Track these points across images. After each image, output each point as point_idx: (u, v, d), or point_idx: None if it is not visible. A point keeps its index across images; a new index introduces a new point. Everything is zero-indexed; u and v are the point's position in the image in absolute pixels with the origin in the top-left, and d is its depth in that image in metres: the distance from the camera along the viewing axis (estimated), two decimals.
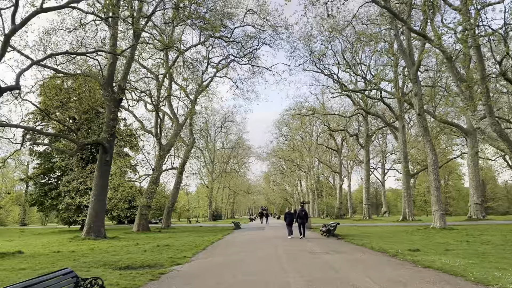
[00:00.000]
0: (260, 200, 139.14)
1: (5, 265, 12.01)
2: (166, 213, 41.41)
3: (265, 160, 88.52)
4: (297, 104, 62.71)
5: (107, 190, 27.31)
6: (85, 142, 25.18)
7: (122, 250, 17.12)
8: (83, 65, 27.62)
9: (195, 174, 67.72)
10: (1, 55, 14.97)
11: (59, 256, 14.84)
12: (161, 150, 35.26)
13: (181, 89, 38.57)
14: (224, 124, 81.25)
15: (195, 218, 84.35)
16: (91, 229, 24.99)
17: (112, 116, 26.12)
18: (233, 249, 16.73)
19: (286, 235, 23.25)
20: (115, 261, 13.04)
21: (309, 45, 43.39)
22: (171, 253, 15.40)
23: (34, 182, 48.85)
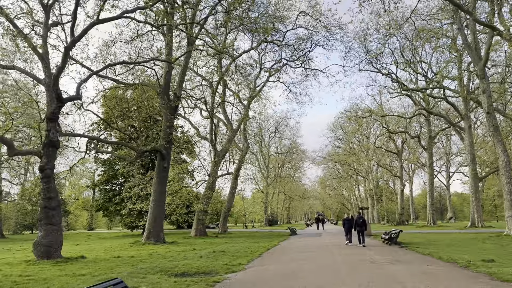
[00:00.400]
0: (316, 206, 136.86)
1: (67, 270, 12.45)
2: (223, 218, 41.76)
3: (320, 165, 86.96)
4: (353, 106, 60.82)
5: (165, 195, 27.98)
6: (143, 150, 26.00)
7: (179, 255, 17.26)
8: (141, 75, 28.67)
9: (250, 179, 67.94)
10: (62, 66, 15.80)
11: (118, 261, 15.21)
12: (216, 156, 35.66)
13: (234, 95, 38.86)
14: (278, 129, 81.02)
15: (251, 223, 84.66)
16: (150, 234, 25.65)
17: (168, 123, 26.76)
18: (289, 257, 16.25)
19: (343, 242, 22.40)
20: (171, 268, 13.07)
21: (364, 44, 41.97)
22: (226, 259, 15.25)
23: (99, 189, 51.61)
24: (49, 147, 15.85)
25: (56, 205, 15.85)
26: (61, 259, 15.10)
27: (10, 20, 15.75)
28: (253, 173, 76.67)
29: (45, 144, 15.81)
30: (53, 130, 15.99)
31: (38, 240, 15.35)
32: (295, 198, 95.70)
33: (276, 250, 19.72)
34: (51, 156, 15.90)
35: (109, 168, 49.49)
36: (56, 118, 16.18)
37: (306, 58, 37.72)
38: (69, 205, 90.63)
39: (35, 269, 12.82)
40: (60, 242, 15.85)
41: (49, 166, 15.74)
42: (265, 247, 20.97)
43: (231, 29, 33.78)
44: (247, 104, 38.51)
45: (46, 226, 15.45)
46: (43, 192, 15.65)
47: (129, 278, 10.62)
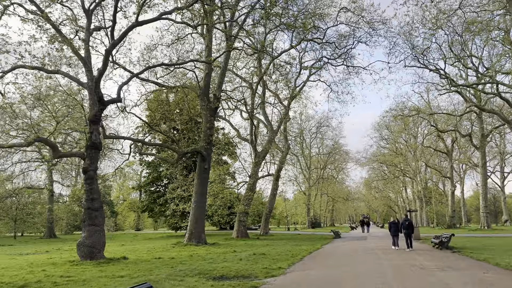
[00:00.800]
0: (361, 208, 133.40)
1: (108, 271, 12.51)
2: (264, 219, 41.41)
3: (364, 166, 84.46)
4: (398, 104, 58.38)
5: (207, 197, 27.99)
6: (184, 151, 26.16)
7: (219, 257, 17.03)
8: (182, 78, 28.97)
9: (292, 181, 67.18)
10: (103, 69, 16.08)
11: (159, 262, 15.19)
12: (257, 157, 35.37)
13: (274, 96, 38.44)
14: (319, 129, 79.63)
15: (293, 225, 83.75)
16: (192, 235, 25.72)
17: (208, 125, 26.78)
18: (332, 261, 15.56)
19: (390, 246, 21.36)
20: (210, 270, 12.82)
21: (410, 40, 40.11)
22: (266, 262, 14.81)
23: (144, 190, 52.94)
24: (92, 149, 16.17)
25: (99, 206, 16.12)
26: (104, 260, 15.31)
27: (55, 27, 16.23)
28: (295, 174, 75.80)
29: (88, 146, 16.15)
30: (96, 132, 16.31)
31: (81, 241, 15.66)
32: (339, 200, 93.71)
33: (319, 254, 19.04)
34: (94, 158, 16.22)
35: (153, 170, 50.63)
36: (98, 121, 16.50)
37: (348, 56, 36.59)
38: (117, 206, 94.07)
39: (77, 269, 13.01)
40: (103, 242, 16.09)
41: (92, 167, 16.05)
42: (307, 251, 20.32)
43: (270, 29, 33.43)
44: (287, 104, 37.95)
45: (89, 227, 15.73)
46: (87, 193, 15.96)
47: (167, 281, 10.45)
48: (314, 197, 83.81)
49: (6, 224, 60.92)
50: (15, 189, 50.68)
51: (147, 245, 28.39)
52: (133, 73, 19.03)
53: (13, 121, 16.62)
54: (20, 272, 12.35)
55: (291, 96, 37.62)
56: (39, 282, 10.18)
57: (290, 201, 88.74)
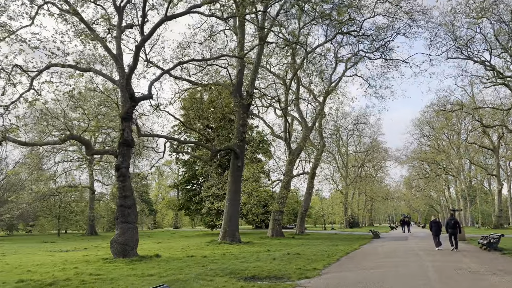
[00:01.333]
0: (401, 208, 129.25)
1: (138, 270, 12.34)
2: (300, 218, 40.64)
3: (404, 164, 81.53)
4: (440, 99, 55.56)
5: (240, 195, 27.65)
6: (217, 149, 25.95)
7: (252, 256, 16.58)
8: (215, 76, 28.81)
9: (328, 179, 65.84)
10: (133, 66, 16.03)
11: (190, 261, 14.92)
12: (291, 155, 34.67)
13: (308, 92, 37.59)
14: (357, 126, 77.74)
15: (330, 225, 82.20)
16: (226, 234, 25.47)
17: (241, 122, 26.41)
18: (370, 263, 14.71)
19: (433, 247, 20.20)
20: (242, 270, 12.37)
21: (452, 30, 38.11)
22: (300, 263, 14.20)
23: (180, 188, 53.51)
24: (124, 146, 16.14)
25: (131, 203, 16.07)
26: (136, 257, 15.22)
27: (87, 24, 16.34)
28: (331, 172, 74.34)
29: (120, 143, 16.15)
30: (127, 129, 16.28)
31: (114, 238, 15.66)
32: (378, 200, 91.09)
33: (357, 255, 18.18)
34: (126, 155, 16.19)
35: (189, 169, 51.05)
36: (130, 118, 16.47)
37: (386, 48, 35.14)
38: (156, 204, 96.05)
39: (108, 267, 12.94)
40: (136, 240, 16.03)
41: (124, 165, 16.02)
42: (344, 251, 19.49)
43: (304, 22, 32.64)
44: (322, 100, 36.96)
45: (122, 224, 15.71)
46: (119, 190, 15.97)
47: (195, 281, 10.09)
48: (352, 196, 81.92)
49: (51, 222, 63.54)
50: (57, 187, 52.52)
51: (182, 243, 28.46)
52: (163, 69, 18.92)
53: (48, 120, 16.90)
54: (52, 269, 12.42)
55: (326, 91, 36.62)
56: (68, 280, 10.09)
57: (326, 200, 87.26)
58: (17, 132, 15.40)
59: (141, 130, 23.56)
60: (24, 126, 16.07)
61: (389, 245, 24.40)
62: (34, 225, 68.35)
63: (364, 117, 75.51)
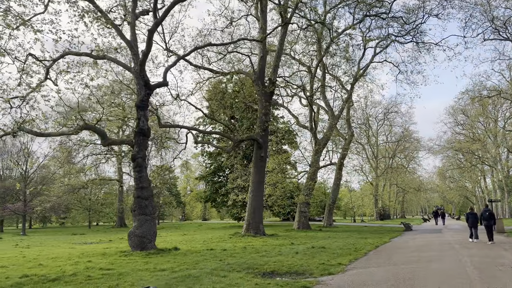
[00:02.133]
0: (434, 199, 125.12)
1: (152, 263, 11.77)
2: (327, 211, 39.49)
3: (438, 154, 78.39)
4: (476, 84, 52.63)
5: (264, 186, 26.82)
6: (239, 139, 25.17)
7: (274, 250, 15.78)
8: (237, 65, 28.01)
9: (357, 171, 64.06)
10: (147, 51, 15.40)
11: (209, 255, 14.26)
12: (317, 145, 33.49)
13: (335, 80, 36.18)
14: (387, 116, 75.29)
15: (360, 217, 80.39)
16: (250, 226, 24.80)
17: (264, 110, 25.49)
18: (401, 257, 13.59)
19: (469, 240, 19.00)
20: (261, 265, 11.58)
21: (489, 11, 35.64)
22: (324, 257, 13.27)
23: (206, 180, 53.21)
24: (140, 135, 15.60)
25: (148, 195, 15.54)
26: (154, 251, 14.70)
27: (102, 12, 15.83)
28: (360, 163, 72.40)
29: (136, 133, 15.61)
30: (143, 118, 15.71)
31: (132, 231, 15.20)
32: (410, 191, 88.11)
33: (386, 249, 17.03)
34: (142, 145, 15.64)
35: (214, 161, 50.67)
36: (145, 106, 15.89)
37: (418, 31, 33.25)
38: (185, 197, 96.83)
39: (123, 261, 12.43)
40: (154, 233, 15.51)
41: (140, 155, 15.48)
42: (373, 244, 18.37)
43: (331, 6, 31.29)
44: (350, 87, 35.46)
45: (139, 216, 15.22)
46: (136, 181, 15.47)
47: (208, 276, 9.36)
48: (383, 187, 79.65)
49: (82, 214, 65.05)
50: (87, 180, 53.36)
51: (206, 235, 28.00)
52: (178, 55, 18.24)
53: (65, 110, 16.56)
54: (64, 263, 12.02)
55: (354, 78, 35.11)
56: (74, 275, 9.58)
57: (356, 191, 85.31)
58: (33, 123, 15.09)
59: (162, 120, 23.10)
60: (43, 117, 15.74)
61: (422, 238, 23.01)
62: (67, 217, 70.20)
63: (395, 106, 72.99)
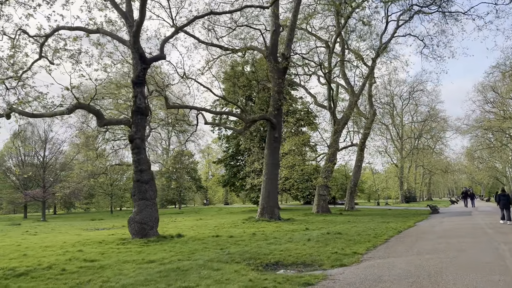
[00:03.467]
0: (462, 181, 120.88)
1: (144, 253, 10.69)
2: (349, 193, 37.87)
3: (466, 134, 74.88)
4: (508, 58, 49.44)
5: (279, 168, 25.43)
6: (251, 119, 23.77)
7: (285, 236, 14.51)
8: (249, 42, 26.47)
9: (381, 152, 61.74)
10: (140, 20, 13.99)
11: (212, 242, 13.10)
12: (336, 124, 31.72)
13: (355, 55, 34.08)
14: (412, 94, 72.28)
15: (384, 200, 78.15)
16: (264, 210, 23.60)
17: (277, 88, 23.94)
18: (426, 245, 12.07)
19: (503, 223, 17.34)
20: (265, 254, 10.33)
21: None
22: (339, 245, 11.90)
23: (224, 164, 52.20)
24: (138, 114, 14.43)
25: (148, 178, 14.44)
26: (154, 238, 13.65)
27: None
28: (384, 145, 69.98)
29: (133, 112, 14.45)
30: (140, 95, 14.51)
31: (132, 217, 14.18)
32: (437, 173, 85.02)
33: (410, 234, 15.47)
34: (140, 125, 14.47)
35: (232, 144, 49.53)
36: (142, 82, 14.66)
37: (444, 0, 30.75)
38: (206, 181, 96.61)
39: (115, 250, 11.38)
40: (155, 218, 14.44)
41: (138, 135, 14.34)
42: (396, 229, 16.84)
43: None
44: (372, 62, 33.24)
45: (139, 201, 14.17)
46: (134, 164, 14.37)
47: (197, 270, 8.16)
48: (408, 169, 77.02)
49: (104, 199, 65.58)
50: (106, 166, 53.27)
51: (221, 220, 26.91)
52: (176, 26, 16.87)
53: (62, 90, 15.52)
54: (52, 253, 11.04)
55: (376, 52, 32.92)
56: (48, 268, 8.56)
57: (380, 174, 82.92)
58: (26, 104, 14.15)
59: (169, 101, 21.95)
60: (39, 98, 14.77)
61: (450, 221, 21.25)
62: (89, 203, 71.07)
63: (420, 84, 69.97)
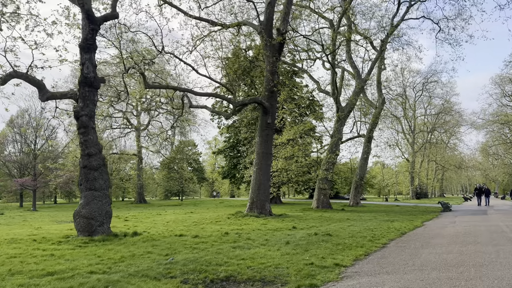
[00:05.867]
0: (476, 177, 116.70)
1: (66, 257, 8.29)
2: (354, 188, 35.19)
3: (481, 129, 71.35)
4: None
5: (271, 158, 22.85)
6: (240, 102, 21.20)
7: (262, 237, 12.01)
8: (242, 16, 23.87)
9: (391, 145, 58.66)
10: None
11: (165, 244, 10.62)
12: (340, 111, 28.94)
13: (363, 38, 31.16)
14: (426, 86, 68.86)
15: (394, 196, 75.02)
16: (253, 205, 21.10)
17: (270, 68, 21.27)
18: (433, 255, 9.40)
19: None
20: (218, 264, 7.84)
21: None
22: (322, 251, 9.35)
23: (225, 155, 49.83)
24: (85, 86, 11.98)
25: (98, 164, 12.00)
26: (101, 236, 11.22)
27: None
28: (395, 138, 66.83)
29: (80, 83, 12.02)
30: (89, 63, 12.06)
31: (77, 210, 11.79)
32: (450, 168, 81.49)
33: (415, 237, 12.78)
34: (88, 99, 12.02)
35: (233, 134, 47.07)
36: (90, 47, 12.17)
37: None
38: (213, 173, 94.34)
39: (38, 252, 9.01)
40: (106, 213, 12.01)
41: (86, 111, 11.91)
42: (399, 231, 14.17)
43: None
44: (381, 43, 30.25)
45: (86, 191, 11.77)
46: (81, 147, 11.94)
47: None
48: (420, 164, 73.77)
49: None
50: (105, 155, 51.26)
51: (209, 214, 24.43)
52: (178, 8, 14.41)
53: None
54: None
55: (386, 34, 29.92)
56: None
57: (390, 168, 79.75)
58: None
59: (148, 80, 19.51)
60: None
61: (464, 222, 18.42)
62: None
63: (434, 75, 66.50)
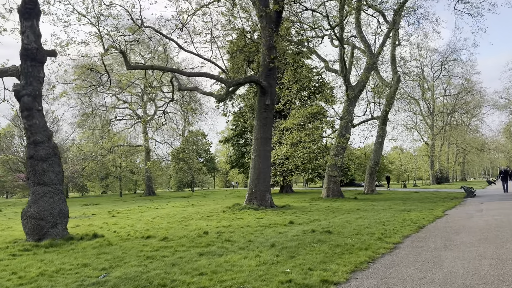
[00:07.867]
0: (499, 160, 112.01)
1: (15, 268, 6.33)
2: (368, 175, 32.71)
3: (504, 109, 67.58)
4: None
5: (271, 144, 20.58)
6: (234, 82, 18.93)
7: (246, 237, 9.90)
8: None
9: (409, 128, 55.59)
10: None
11: (117, 251, 8.58)
12: (349, 90, 26.36)
13: (374, 10, 28.36)
14: (445, 65, 65.12)
15: (413, 181, 71.82)
16: (252, 196, 19.00)
17: (268, 42, 18.92)
18: (460, 260, 7.08)
19: None
20: (158, 286, 5.74)
21: None
22: (313, 257, 7.16)
23: (232, 144, 47.74)
24: (27, 60, 9.96)
25: (47, 153, 9.98)
26: (50, 241, 9.19)
27: None
28: (413, 120, 63.64)
29: (21, 56, 9.99)
30: (29, 32, 10.01)
31: (25, 209, 9.84)
32: (472, 151, 77.75)
33: (435, 233, 10.37)
34: (32, 76, 9.97)
35: (240, 122, 44.88)
36: (32, 12, 10.07)
37: None
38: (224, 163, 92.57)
39: None
40: (60, 212, 10.01)
41: (28, 90, 9.87)
42: (416, 224, 11.80)
43: None
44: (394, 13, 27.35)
45: (35, 187, 9.81)
46: (26, 133, 9.96)
47: None
48: (440, 147, 70.39)
49: (112, 182, 62.76)
50: (110, 147, 49.81)
51: (212, 206, 22.28)
52: None
53: None
54: None
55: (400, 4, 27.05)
56: None
57: (409, 153, 76.43)
58: None
59: (129, 60, 17.43)
60: None
61: (492, 209, 15.82)
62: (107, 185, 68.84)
63: (453, 53, 62.74)
